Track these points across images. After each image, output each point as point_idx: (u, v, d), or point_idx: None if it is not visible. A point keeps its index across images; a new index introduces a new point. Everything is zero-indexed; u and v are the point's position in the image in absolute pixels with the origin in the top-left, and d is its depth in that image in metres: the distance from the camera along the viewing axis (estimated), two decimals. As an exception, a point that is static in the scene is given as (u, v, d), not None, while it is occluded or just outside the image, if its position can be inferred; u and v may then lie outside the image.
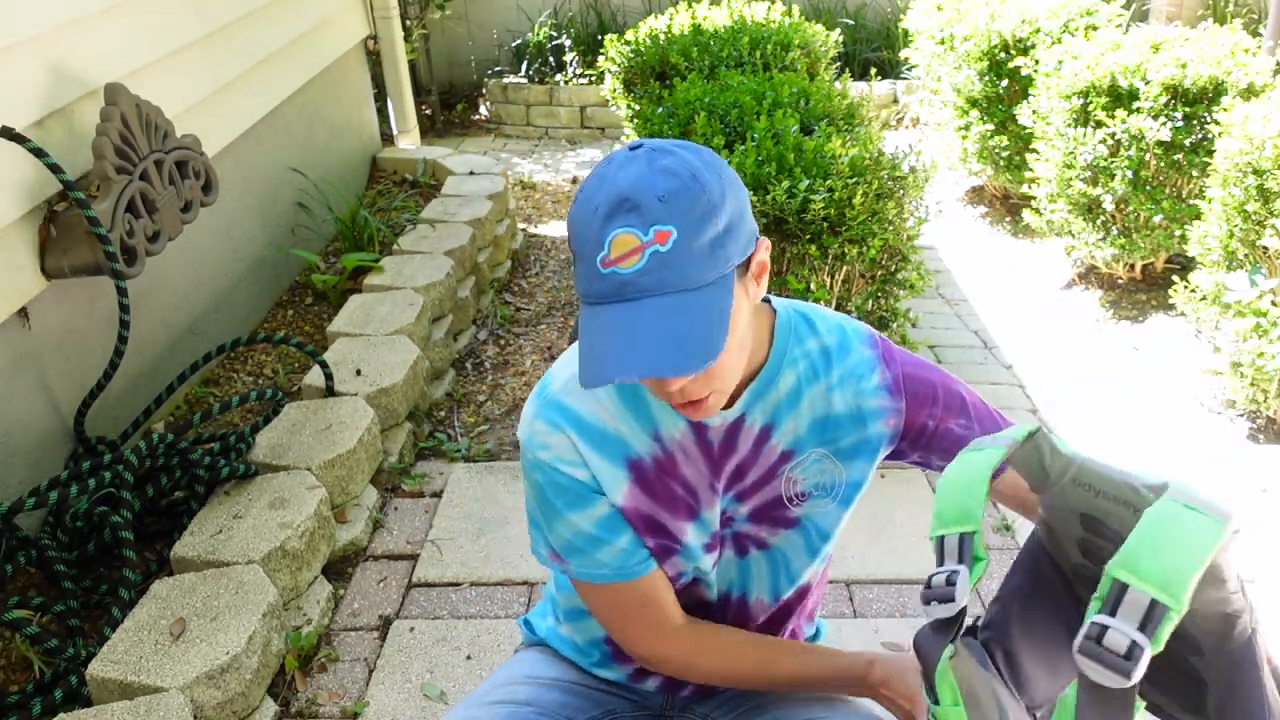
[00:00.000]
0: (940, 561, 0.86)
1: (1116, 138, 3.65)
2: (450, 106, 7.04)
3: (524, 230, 4.90)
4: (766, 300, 1.18)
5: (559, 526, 1.16)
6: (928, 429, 1.19)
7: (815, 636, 1.44)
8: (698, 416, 1.06)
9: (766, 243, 1.06)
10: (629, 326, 0.94)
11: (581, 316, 1.00)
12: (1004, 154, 4.64)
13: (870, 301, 2.79)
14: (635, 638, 1.20)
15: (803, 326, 1.17)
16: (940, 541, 0.86)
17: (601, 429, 1.14)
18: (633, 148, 0.99)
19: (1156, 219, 3.68)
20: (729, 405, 1.14)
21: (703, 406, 1.04)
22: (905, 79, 6.38)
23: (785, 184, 2.57)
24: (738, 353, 1.03)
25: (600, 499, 1.15)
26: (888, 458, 1.23)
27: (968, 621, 0.92)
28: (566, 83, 6.64)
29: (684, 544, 1.18)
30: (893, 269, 2.81)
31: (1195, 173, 3.59)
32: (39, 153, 2.21)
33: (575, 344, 1.13)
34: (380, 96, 5.25)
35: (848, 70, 4.39)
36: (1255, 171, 3.05)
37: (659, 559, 1.19)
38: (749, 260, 1.02)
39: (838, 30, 5.15)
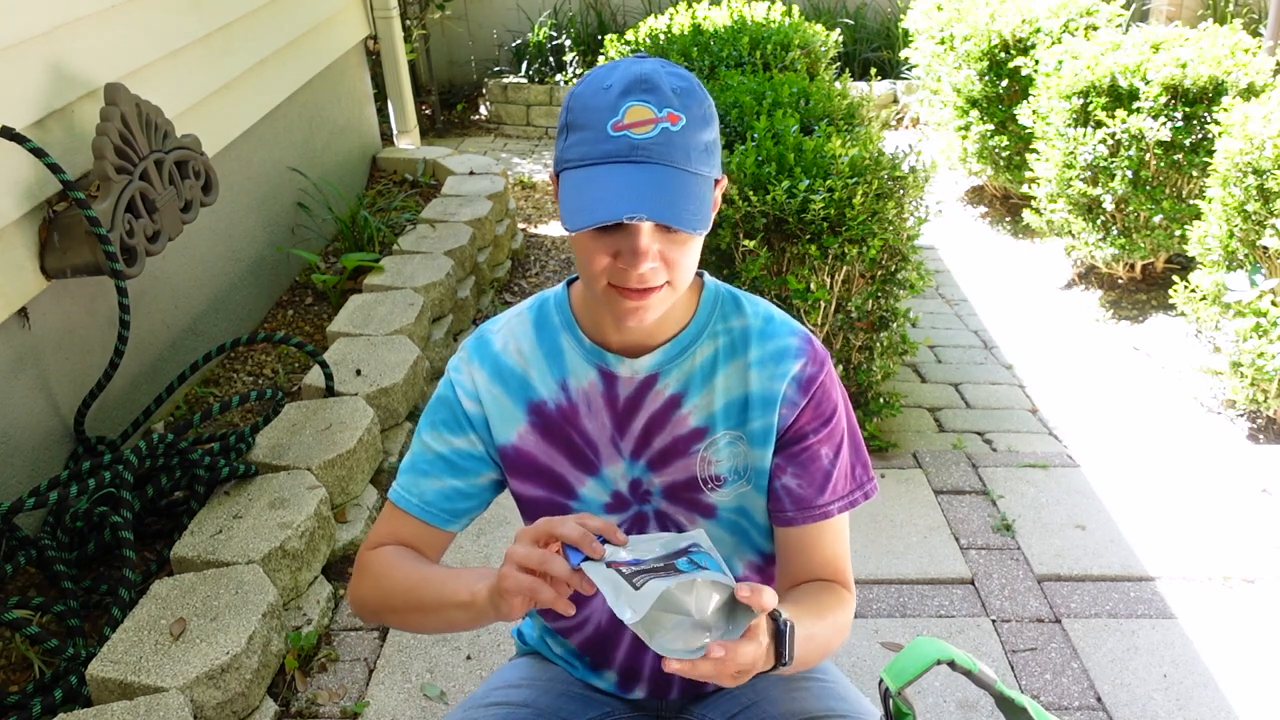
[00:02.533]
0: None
1: (1116, 138, 3.65)
2: (450, 106, 7.05)
3: (524, 230, 4.90)
4: (700, 274, 1.21)
5: (420, 439, 1.23)
6: (805, 440, 1.17)
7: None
8: (637, 319, 1.08)
9: (725, 182, 1.15)
10: (634, 181, 1.01)
11: (571, 180, 1.04)
12: (1004, 154, 4.64)
13: (870, 301, 2.78)
14: (369, 540, 1.25)
15: (729, 304, 1.20)
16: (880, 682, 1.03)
17: (510, 367, 1.20)
18: (638, 55, 1.08)
19: (1156, 219, 3.68)
20: (640, 356, 1.16)
21: (647, 301, 1.06)
22: (905, 79, 6.38)
23: (785, 184, 2.57)
24: (690, 267, 1.09)
25: (471, 433, 1.21)
26: None
27: None
28: (566, 83, 6.64)
29: (580, 497, 1.21)
30: (893, 269, 2.81)
31: (1195, 173, 3.59)
32: (39, 153, 2.21)
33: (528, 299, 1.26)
34: (380, 96, 5.25)
35: (848, 70, 4.39)
36: (1255, 171, 3.05)
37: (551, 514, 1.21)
38: (715, 187, 1.10)
39: (838, 30, 5.15)
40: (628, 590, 0.88)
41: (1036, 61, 4.28)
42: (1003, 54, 4.55)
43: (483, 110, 7.03)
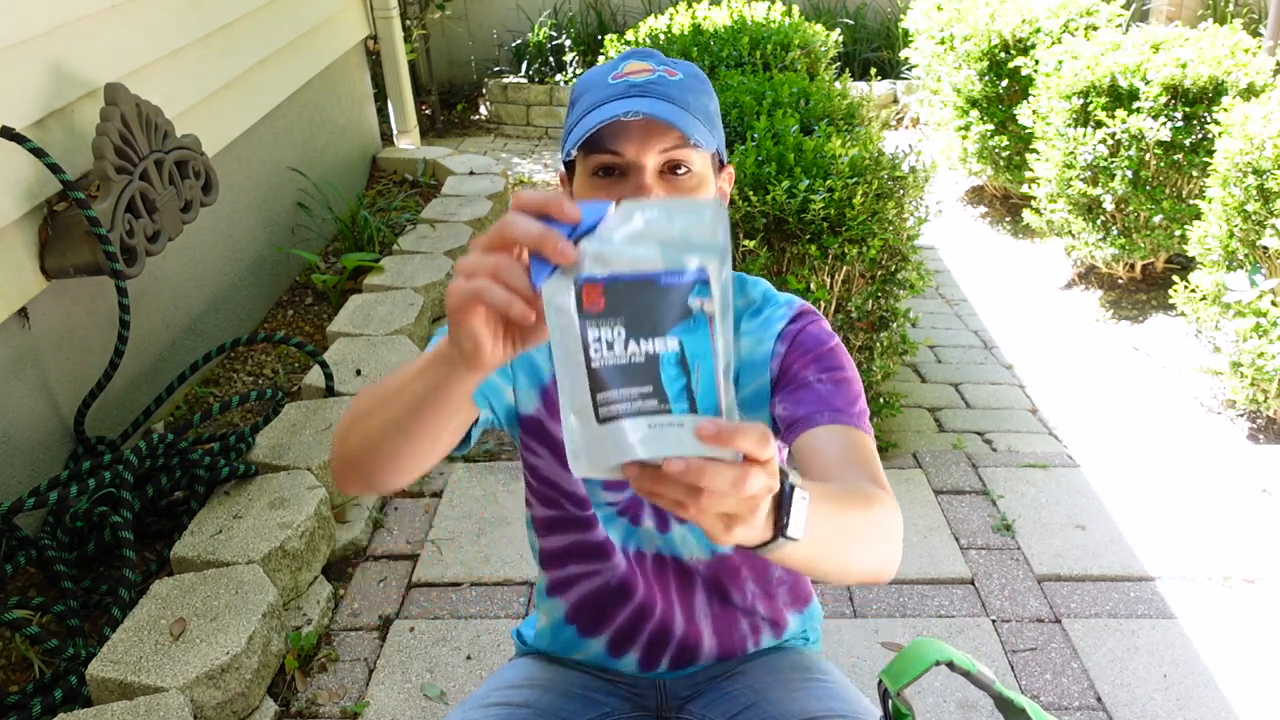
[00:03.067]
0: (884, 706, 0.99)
1: (1116, 138, 3.65)
2: (450, 106, 7.04)
3: (524, 230, 4.89)
4: None
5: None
6: (791, 371, 1.14)
7: (808, 639, 1.42)
8: None
9: (731, 172, 1.17)
10: (634, 101, 1.02)
11: (575, 125, 1.06)
12: (1004, 154, 4.64)
13: (870, 301, 2.78)
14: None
15: (735, 286, 1.21)
16: (879, 683, 0.98)
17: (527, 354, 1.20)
18: None
19: (1156, 219, 3.68)
20: None
21: None
22: (905, 79, 6.38)
23: (785, 184, 2.57)
24: None
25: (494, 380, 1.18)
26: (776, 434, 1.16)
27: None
28: (566, 83, 6.64)
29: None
30: (893, 269, 2.81)
31: (1195, 173, 3.59)
32: (39, 153, 2.21)
33: None
34: (380, 96, 5.25)
35: (848, 70, 4.39)
36: (1255, 171, 3.05)
37: (558, 483, 1.23)
38: (721, 172, 1.12)
39: (838, 30, 5.15)
40: (590, 414, 0.67)
41: (1036, 61, 4.28)
42: (1003, 54, 4.55)
43: (483, 110, 7.03)
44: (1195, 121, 3.55)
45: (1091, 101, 3.72)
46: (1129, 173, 3.64)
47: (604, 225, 0.70)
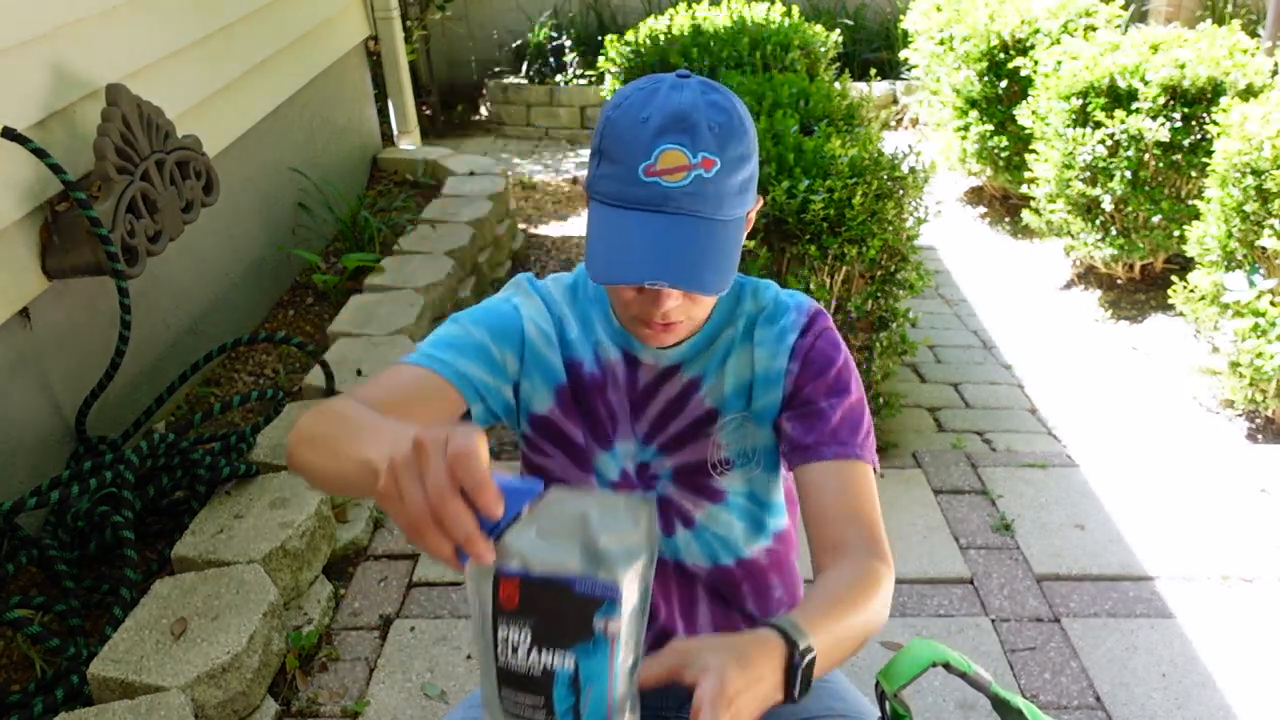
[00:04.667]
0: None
1: (1115, 138, 3.66)
2: (450, 107, 7.05)
3: (524, 230, 4.90)
4: None
5: (458, 323, 1.15)
6: (802, 393, 1.15)
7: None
8: (658, 342, 1.12)
9: (760, 201, 1.13)
10: (661, 238, 0.99)
11: (599, 214, 1.03)
12: (1003, 154, 4.65)
13: (870, 301, 2.79)
14: (356, 392, 1.06)
15: (747, 292, 1.21)
16: (877, 684, 0.99)
17: (560, 315, 1.20)
18: (681, 75, 1.04)
19: (1155, 219, 3.69)
20: (665, 348, 1.17)
21: (671, 331, 1.10)
22: (905, 79, 6.38)
23: (785, 184, 2.57)
24: (711, 302, 1.12)
25: (505, 350, 1.15)
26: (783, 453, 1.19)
27: None
28: (567, 83, 6.65)
29: (595, 470, 1.20)
30: (892, 269, 2.81)
31: (1194, 173, 3.59)
32: (40, 153, 2.22)
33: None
34: (381, 97, 5.26)
35: (847, 70, 4.38)
36: (1254, 172, 3.06)
37: (574, 475, 1.21)
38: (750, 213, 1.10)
39: (838, 31, 5.15)
40: (495, 704, 0.72)
41: (1035, 62, 4.29)
42: (1002, 55, 4.56)
43: (483, 110, 7.03)
44: (1194, 122, 3.56)
45: (1090, 102, 3.73)
46: (1128, 173, 3.65)
47: (533, 513, 0.70)
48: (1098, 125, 3.70)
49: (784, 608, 1.32)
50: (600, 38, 5.20)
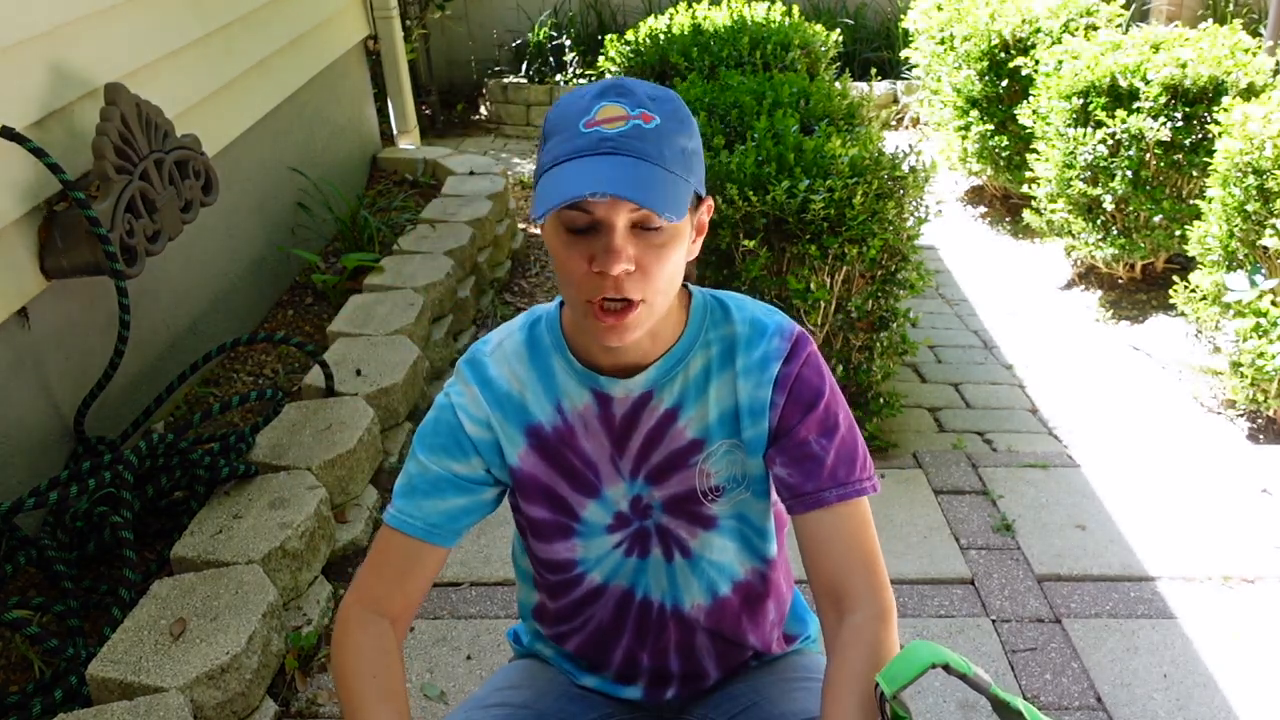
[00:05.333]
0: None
1: (1116, 138, 3.65)
2: (450, 106, 7.04)
3: (524, 230, 4.90)
4: (685, 286, 1.19)
5: (418, 460, 1.19)
6: (791, 430, 1.14)
7: (811, 639, 1.42)
8: (617, 338, 1.06)
9: (711, 204, 1.13)
10: (599, 167, 0.98)
11: (542, 180, 1.03)
12: (1004, 154, 4.64)
13: (870, 301, 2.79)
14: (356, 585, 1.20)
15: (718, 312, 1.18)
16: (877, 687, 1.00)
17: (506, 391, 1.18)
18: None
19: (1156, 219, 3.68)
20: (633, 376, 1.14)
21: (625, 320, 1.04)
22: (905, 79, 6.38)
23: (785, 184, 2.57)
24: (669, 282, 1.06)
25: (473, 458, 1.18)
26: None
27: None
28: (567, 83, 6.64)
29: (583, 520, 1.19)
30: (893, 269, 2.81)
31: (1195, 173, 3.59)
32: (39, 153, 2.21)
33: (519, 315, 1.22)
34: (380, 96, 5.25)
35: (848, 70, 4.39)
36: (1255, 171, 3.05)
37: (557, 538, 1.20)
38: (699, 207, 1.09)
39: (838, 30, 5.14)
40: None
41: (1036, 61, 4.28)
42: (1002, 54, 4.55)
43: (483, 110, 7.03)
44: (1195, 121, 3.55)
45: (1091, 101, 3.73)
46: (1129, 173, 3.64)
47: None
48: (1099, 125, 3.70)
49: (776, 630, 1.32)
50: (600, 37, 5.20)
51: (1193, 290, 3.35)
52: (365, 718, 1.09)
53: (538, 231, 4.95)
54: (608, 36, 4.39)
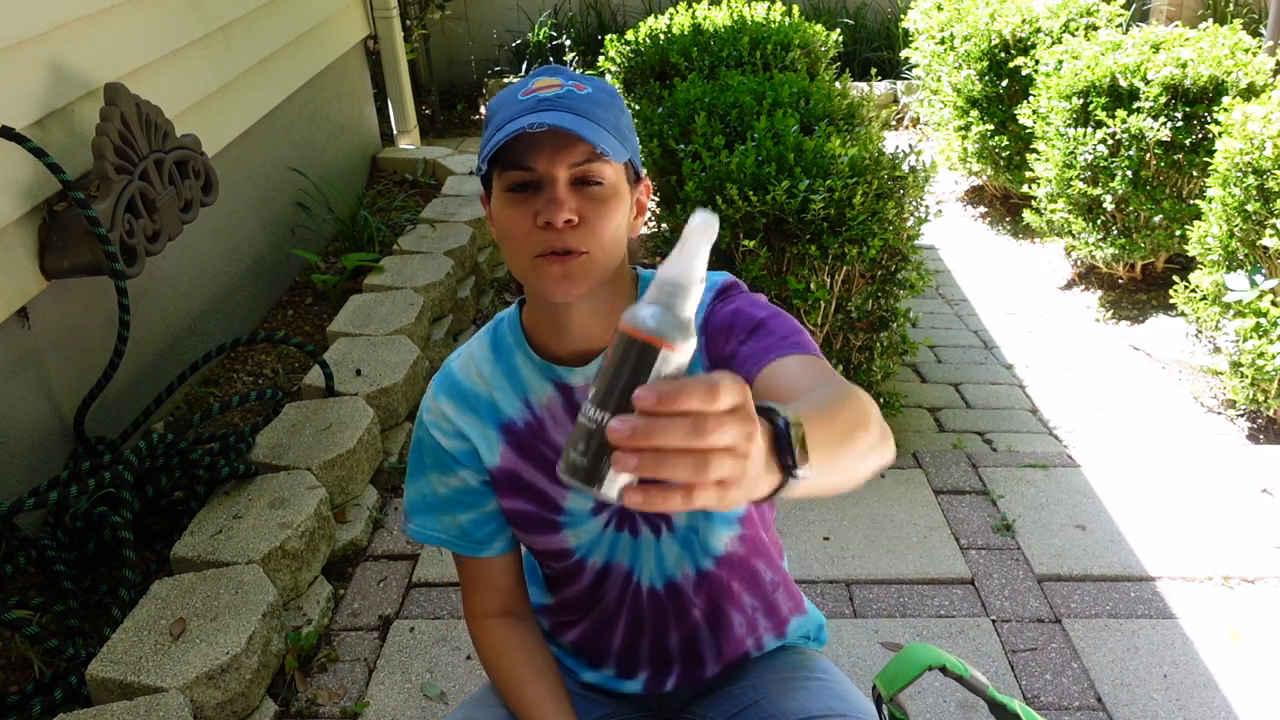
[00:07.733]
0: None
1: (1116, 138, 3.65)
2: (450, 106, 7.04)
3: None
4: (633, 268, 1.21)
5: (418, 483, 1.25)
6: (725, 353, 1.11)
7: (810, 638, 1.42)
8: (562, 291, 1.05)
9: (649, 185, 1.18)
10: (541, 116, 1.02)
11: (486, 144, 1.07)
12: (1004, 154, 4.64)
13: (870, 301, 2.78)
14: (465, 605, 1.32)
15: None
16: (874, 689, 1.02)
17: (475, 394, 1.21)
18: None
19: (1156, 219, 3.68)
20: (589, 363, 1.15)
21: (569, 266, 1.04)
22: (905, 79, 6.38)
23: (785, 184, 2.56)
24: (613, 239, 1.07)
25: (460, 470, 1.22)
26: None
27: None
28: (567, 82, 6.63)
29: (567, 510, 1.20)
30: (893, 269, 2.81)
31: (1195, 173, 3.59)
32: (39, 153, 2.21)
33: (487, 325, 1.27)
34: (380, 96, 5.25)
35: (848, 70, 4.39)
36: (1255, 171, 3.05)
37: (545, 531, 1.22)
38: (638, 184, 1.14)
39: (838, 30, 5.14)
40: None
41: (1036, 61, 4.28)
42: (1003, 54, 4.55)
43: (483, 110, 7.02)
44: (1195, 121, 3.55)
45: (1091, 101, 3.72)
46: (1129, 173, 3.64)
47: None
48: (1099, 125, 3.70)
49: (779, 589, 1.32)
50: (600, 37, 5.20)
51: (1193, 290, 3.35)
52: (520, 693, 1.22)
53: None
54: (608, 36, 4.39)
